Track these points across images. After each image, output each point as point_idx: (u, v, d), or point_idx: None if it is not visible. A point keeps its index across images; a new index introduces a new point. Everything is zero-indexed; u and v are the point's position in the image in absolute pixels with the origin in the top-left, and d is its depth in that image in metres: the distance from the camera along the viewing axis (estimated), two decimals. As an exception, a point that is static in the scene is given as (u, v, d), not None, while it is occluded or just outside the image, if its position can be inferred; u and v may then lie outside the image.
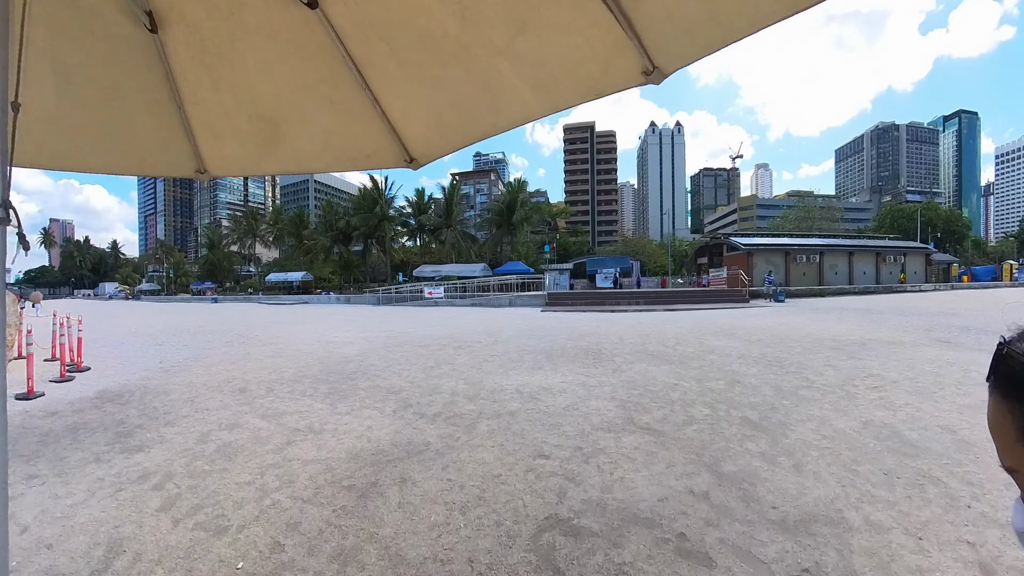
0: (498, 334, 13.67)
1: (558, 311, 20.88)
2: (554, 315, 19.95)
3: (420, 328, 16.18)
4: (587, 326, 15.15)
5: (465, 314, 22.89)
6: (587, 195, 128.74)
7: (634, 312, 20.08)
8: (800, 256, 36.47)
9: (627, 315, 19.33)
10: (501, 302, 25.91)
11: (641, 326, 15.04)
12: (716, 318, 17.96)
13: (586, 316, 19.19)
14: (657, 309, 21.15)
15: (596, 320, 17.38)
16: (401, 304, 31.69)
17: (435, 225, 48.50)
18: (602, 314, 19.58)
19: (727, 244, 38.50)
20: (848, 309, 21.46)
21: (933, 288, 39.72)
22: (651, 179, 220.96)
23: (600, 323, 16.21)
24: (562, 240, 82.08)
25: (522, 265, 38.76)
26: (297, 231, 70.18)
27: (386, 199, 53.52)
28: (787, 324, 15.06)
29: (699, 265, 45.05)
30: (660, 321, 16.69)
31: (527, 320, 18.55)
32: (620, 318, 18.23)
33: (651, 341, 11.65)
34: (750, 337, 11.93)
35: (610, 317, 18.66)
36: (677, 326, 14.99)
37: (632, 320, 17.21)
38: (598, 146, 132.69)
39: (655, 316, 19.16)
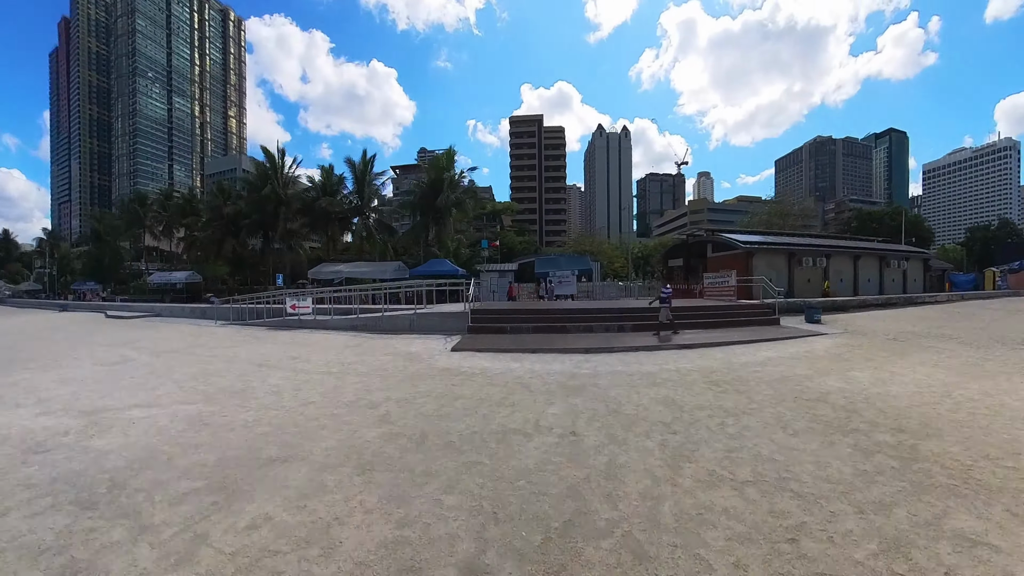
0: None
1: (482, 355, 11.09)
2: (468, 368, 10.01)
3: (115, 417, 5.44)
4: (549, 448, 5.12)
5: (286, 359, 12.80)
6: (534, 192, 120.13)
7: (632, 356, 10.65)
8: (807, 259, 28.52)
9: (624, 366, 9.73)
10: (398, 325, 15.98)
11: (694, 427, 5.12)
12: (795, 376, 8.49)
13: (539, 371, 9.42)
14: (666, 348, 11.71)
15: (568, 397, 7.50)
16: (253, 324, 21.13)
17: (343, 212, 37.78)
18: (574, 362, 9.99)
19: (715, 242, 30.01)
20: (952, 337, 13.02)
21: (947, 299, 33.33)
22: (599, 182, 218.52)
23: (583, 414, 6.36)
24: (507, 238, 72.70)
25: (449, 264, 28.89)
26: (189, 220, 57.07)
27: (283, 177, 42.14)
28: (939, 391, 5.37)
29: (671, 268, 36.59)
30: (717, 404, 6.93)
31: (388, 394, 8.49)
32: (617, 380, 8.53)
33: None
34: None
35: (594, 375, 9.01)
36: (783, 429, 4.97)
37: (651, 397, 7.41)
38: (546, 141, 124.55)
39: (686, 368, 9.63)
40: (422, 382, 8.41)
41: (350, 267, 32.28)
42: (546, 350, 10.87)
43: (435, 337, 14.00)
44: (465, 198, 35.24)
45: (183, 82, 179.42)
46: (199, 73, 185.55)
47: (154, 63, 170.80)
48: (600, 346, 11.24)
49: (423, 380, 8.61)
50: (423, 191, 34.70)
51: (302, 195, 40.66)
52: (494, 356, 10.75)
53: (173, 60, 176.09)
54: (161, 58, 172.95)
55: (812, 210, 70.80)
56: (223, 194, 53.02)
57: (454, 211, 34.31)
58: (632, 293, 36.48)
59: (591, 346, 11.23)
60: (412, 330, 15.79)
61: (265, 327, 20.04)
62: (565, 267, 29.36)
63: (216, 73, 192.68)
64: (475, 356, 10.86)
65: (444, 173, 34.49)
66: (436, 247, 34.26)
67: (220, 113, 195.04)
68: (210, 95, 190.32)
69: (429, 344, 12.94)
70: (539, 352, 10.81)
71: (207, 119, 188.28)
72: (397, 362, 10.75)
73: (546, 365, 9.66)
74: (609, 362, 9.93)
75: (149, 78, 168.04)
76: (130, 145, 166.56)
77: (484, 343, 12.03)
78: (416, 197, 35.42)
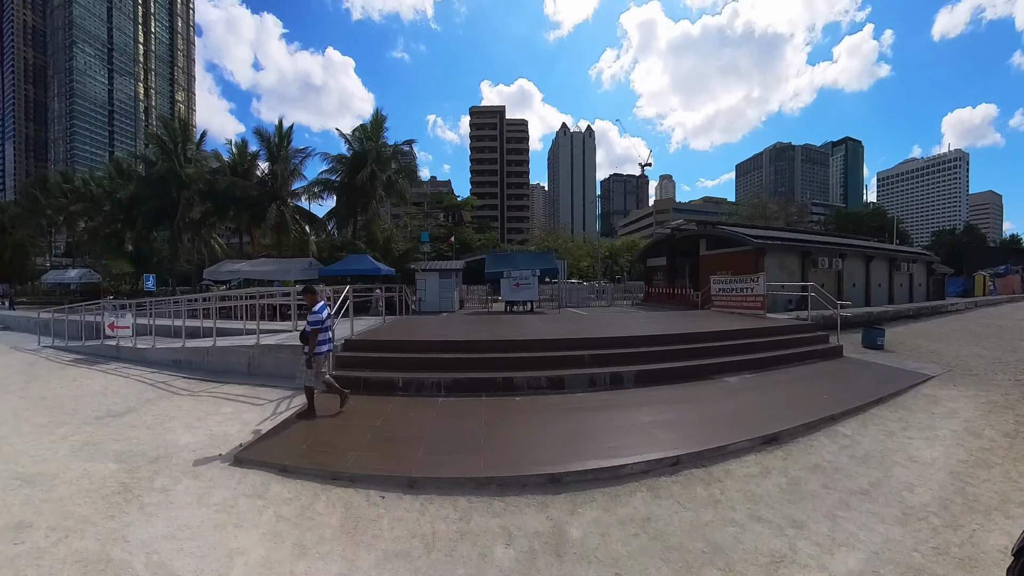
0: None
1: (282, 504, 4.60)
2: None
3: None
4: None
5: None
6: (495, 187, 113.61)
7: (678, 484, 4.35)
8: (822, 259, 23.28)
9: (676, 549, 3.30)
10: (231, 362, 9.33)
11: None
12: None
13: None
14: (746, 451, 5.35)
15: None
16: (64, 350, 14.11)
17: (253, 196, 30.30)
18: (524, 543, 3.60)
19: (711, 237, 24.34)
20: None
21: (965, 306, 29.13)
22: (563, 181, 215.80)
23: None
24: (464, 235, 65.97)
25: (370, 261, 22.06)
26: (80, 208, 47.96)
27: (183, 153, 34.33)
28: None
29: (650, 268, 30.85)
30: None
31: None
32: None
33: None
34: None
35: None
36: None
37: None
38: (509, 135, 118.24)
39: None
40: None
41: (252, 265, 25.12)
42: (454, 484, 4.35)
43: (261, 399, 7.50)
44: (398, 177, 28.34)
45: (126, 61, 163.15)
46: (143, 53, 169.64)
47: (94, 38, 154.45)
48: (585, 448, 4.90)
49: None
50: (347, 168, 27.60)
51: (206, 176, 32.91)
52: (305, 518, 4.18)
53: (115, 36, 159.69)
54: (101, 33, 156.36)
55: (803, 208, 66.81)
56: (121, 175, 44.47)
57: (382, 193, 27.35)
58: (605, 297, 30.56)
59: (565, 445, 4.90)
60: (251, 373, 9.15)
61: (72, 356, 13.28)
62: (525, 265, 23.06)
63: (162, 53, 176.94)
64: (259, 508, 4.30)
65: (373, 144, 27.52)
66: (364, 239, 27.43)
67: (167, 97, 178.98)
68: (156, 77, 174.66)
69: (225, 428, 6.40)
70: (439, 487, 4.33)
71: (152, 103, 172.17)
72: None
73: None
74: (627, 524, 3.70)
75: (88, 54, 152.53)
76: (67, 128, 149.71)
77: (322, 440, 5.48)
78: (341, 175, 28.27)
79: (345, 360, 7.80)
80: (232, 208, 32.48)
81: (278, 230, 31.12)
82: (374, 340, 8.62)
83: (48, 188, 56.48)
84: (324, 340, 6.53)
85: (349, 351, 8.16)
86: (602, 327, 11.05)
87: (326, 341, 6.63)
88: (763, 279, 14.30)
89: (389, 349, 8.23)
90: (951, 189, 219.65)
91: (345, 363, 7.75)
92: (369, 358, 7.79)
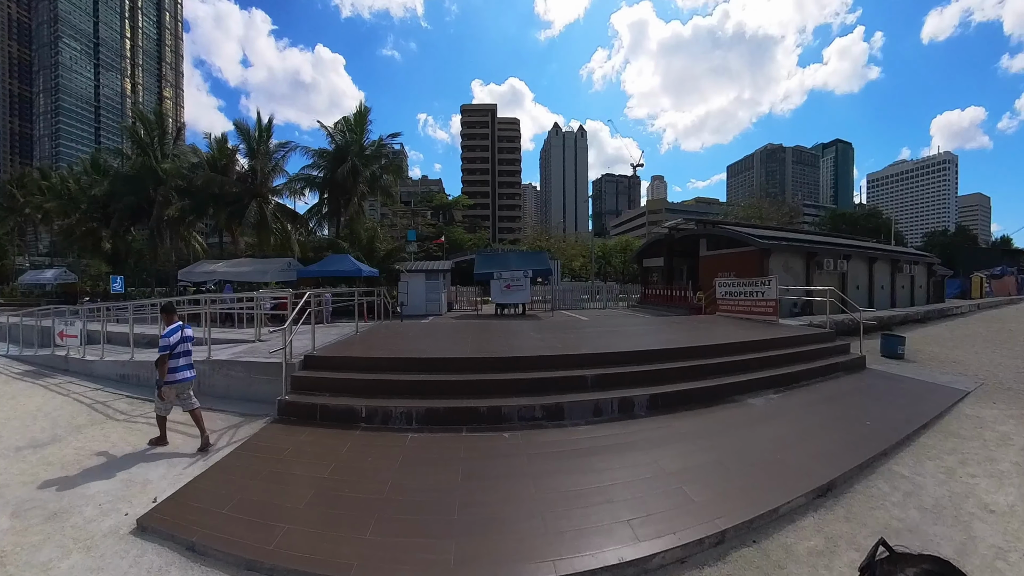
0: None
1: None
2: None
3: None
4: None
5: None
6: (487, 187, 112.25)
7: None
8: (827, 261, 22.34)
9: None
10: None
11: None
12: None
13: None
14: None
15: None
16: (19, 358, 12.81)
17: (233, 193, 28.83)
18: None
19: (711, 237, 23.28)
20: None
21: (969, 308, 28.38)
22: (554, 181, 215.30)
23: None
24: (454, 234, 64.50)
25: (351, 262, 20.68)
26: (55, 206, 46.05)
27: (160, 147, 32.81)
28: None
29: (646, 269, 29.75)
30: None
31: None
32: None
33: None
34: None
35: None
36: None
37: None
38: (500, 133, 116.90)
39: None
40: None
41: (228, 266, 23.70)
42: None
43: (209, 428, 6.27)
44: (382, 173, 26.94)
45: (113, 56, 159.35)
46: (130, 48, 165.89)
47: (80, 32, 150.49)
48: (596, 522, 3.67)
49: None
50: (330, 163, 26.16)
51: (183, 171, 31.35)
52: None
53: (101, 31, 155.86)
54: (88, 27, 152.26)
55: (796, 209, 66.10)
56: (98, 170, 42.72)
57: (365, 190, 25.92)
58: (600, 298, 29.42)
59: (568, 516, 3.69)
60: (200, 392, 7.86)
61: (23, 367, 12.07)
62: (516, 266, 21.82)
63: (150, 49, 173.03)
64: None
65: (356, 139, 26.08)
66: (348, 238, 26.05)
67: (154, 93, 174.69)
68: (143, 72, 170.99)
69: (147, 471, 5.17)
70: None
71: (139, 99, 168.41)
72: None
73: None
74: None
75: (74, 49, 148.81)
76: (52, 125, 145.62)
77: (250, 498, 4.23)
78: (323, 171, 26.79)
79: (302, 382, 6.55)
80: (211, 206, 31.00)
81: (259, 229, 29.67)
82: (338, 356, 7.41)
83: (26, 185, 54.54)
84: (181, 367, 5.72)
85: (309, 370, 6.90)
86: (604, 338, 9.84)
87: (183, 368, 5.76)
88: (775, 282, 13.20)
89: (355, 368, 7.01)
90: (940, 191, 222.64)
91: (301, 385, 6.49)
92: (330, 379, 6.55)
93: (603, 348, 8.38)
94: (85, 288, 42.49)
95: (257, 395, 6.97)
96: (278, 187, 29.47)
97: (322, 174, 26.77)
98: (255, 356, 7.49)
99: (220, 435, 5.93)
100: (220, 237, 35.73)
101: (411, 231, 30.51)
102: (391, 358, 7.15)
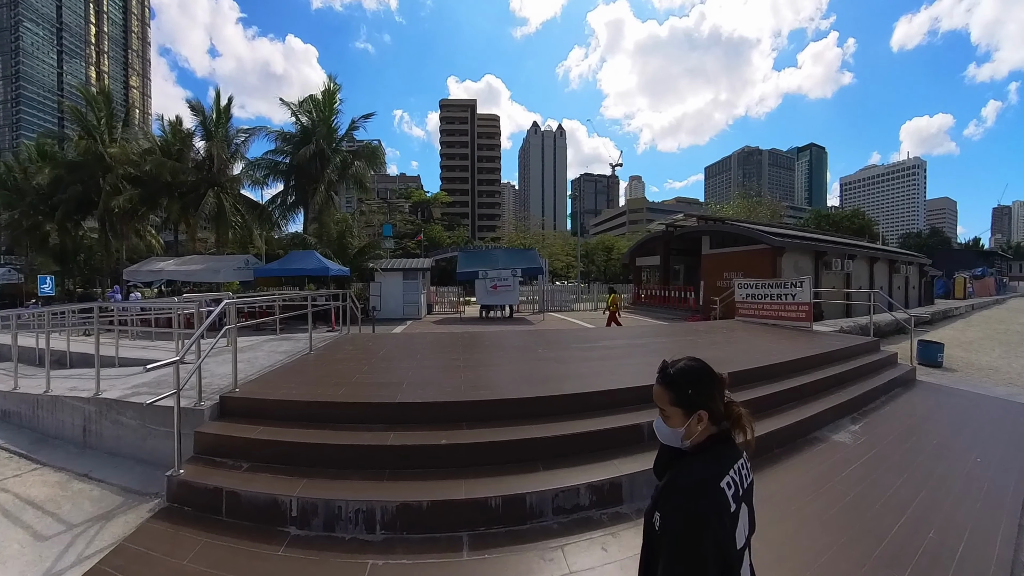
0: None
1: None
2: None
3: None
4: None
5: None
6: (466, 184, 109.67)
7: None
8: (835, 261, 20.97)
9: None
10: (64, 424, 5.73)
11: None
12: None
13: None
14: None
15: None
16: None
17: (188, 182, 26.01)
18: None
19: (716, 235, 21.53)
20: None
21: (966, 309, 27.71)
22: (533, 180, 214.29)
23: None
24: (433, 232, 61.88)
25: (317, 259, 18.14)
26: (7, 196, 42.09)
27: (107, 130, 29.74)
28: None
29: (639, 268, 27.87)
30: None
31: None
32: None
33: None
34: None
35: None
36: None
37: None
38: (480, 130, 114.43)
39: None
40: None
41: (177, 264, 20.99)
42: None
43: (61, 521, 3.93)
44: (353, 159, 24.33)
45: (77, 43, 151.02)
46: (96, 34, 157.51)
47: (42, 16, 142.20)
48: None
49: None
50: (295, 147, 23.42)
51: (132, 157, 28.30)
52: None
53: (65, 15, 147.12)
54: (50, 11, 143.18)
55: (781, 209, 65.18)
56: (43, 157, 39.04)
57: (332, 177, 23.25)
58: (590, 298, 27.52)
59: None
60: (87, 445, 5.58)
61: None
62: (504, 264, 19.70)
63: (116, 35, 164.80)
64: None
65: (324, 120, 23.36)
66: (317, 233, 23.50)
67: (121, 82, 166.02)
68: (109, 60, 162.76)
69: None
70: None
71: (106, 87, 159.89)
72: None
73: None
74: None
75: (36, 34, 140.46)
76: (13, 115, 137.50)
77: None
78: (288, 156, 24.03)
79: (210, 442, 4.26)
80: (164, 196, 28.05)
81: (217, 222, 26.85)
82: (270, 399, 4.86)
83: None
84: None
85: (225, 419, 4.57)
86: (632, 356, 7.76)
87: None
88: (808, 284, 11.38)
89: (293, 416, 4.63)
90: (910, 195, 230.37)
91: (209, 447, 4.19)
92: (250, 441, 4.19)
93: (648, 375, 6.32)
94: (32, 290, 38.90)
95: (153, 455, 4.71)
96: (239, 175, 26.64)
97: (287, 160, 24.04)
98: (161, 390, 5.07)
99: (76, 536, 3.66)
100: (175, 232, 32.64)
101: (387, 226, 27.93)
102: (347, 403, 4.73)
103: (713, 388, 1.37)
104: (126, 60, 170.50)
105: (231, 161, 26.44)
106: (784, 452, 5.13)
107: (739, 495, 1.33)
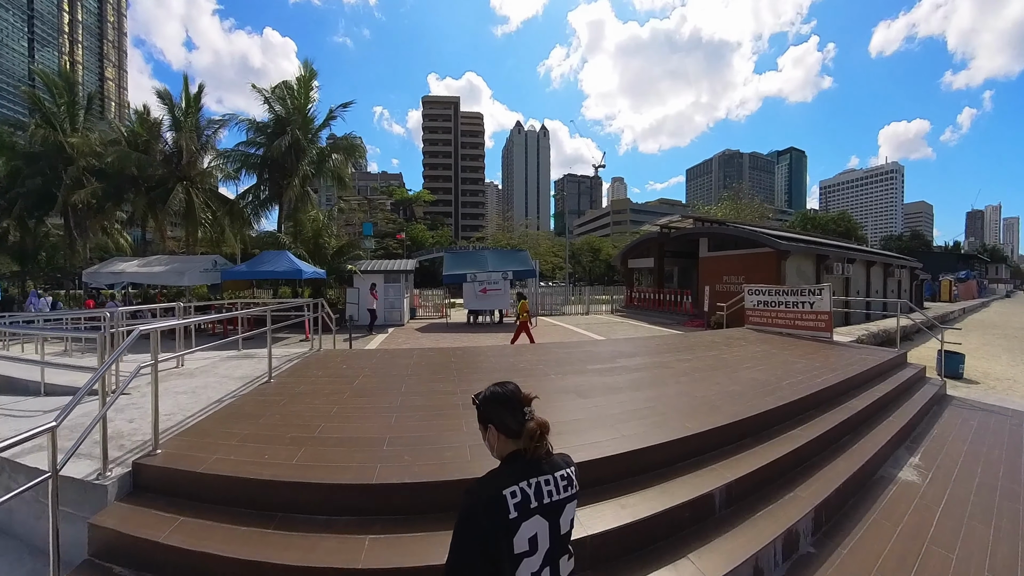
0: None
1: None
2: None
3: None
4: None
5: None
6: (450, 182, 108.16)
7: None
8: (836, 265, 20.30)
9: None
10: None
11: None
12: None
13: None
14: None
15: None
16: None
17: (155, 176, 24.39)
18: None
19: (715, 237, 20.68)
20: None
21: (958, 313, 27.70)
22: (516, 180, 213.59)
23: None
24: (415, 232, 60.42)
25: (290, 260, 16.72)
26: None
27: (69, 118, 27.93)
28: None
29: (631, 271, 26.93)
30: None
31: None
32: None
33: None
34: None
35: None
36: None
37: None
38: (464, 128, 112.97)
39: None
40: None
41: (140, 266, 19.40)
42: None
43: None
44: (331, 151, 22.87)
45: (50, 31, 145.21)
46: (69, 22, 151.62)
47: (11, 2, 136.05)
48: None
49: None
50: (269, 139, 21.87)
51: (95, 148, 26.49)
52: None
53: (36, 2, 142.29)
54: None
55: (769, 211, 64.95)
56: (2, 148, 36.76)
57: (308, 170, 21.74)
58: (573, 300, 26.51)
59: None
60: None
61: None
62: (494, 266, 18.54)
63: (91, 24, 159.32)
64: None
65: (292, 104, 21.80)
66: (291, 231, 22.04)
67: (95, 73, 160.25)
68: (83, 50, 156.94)
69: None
70: None
71: (80, 78, 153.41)
72: None
73: None
74: None
75: (6, 21, 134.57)
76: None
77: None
78: (261, 148, 22.45)
79: (105, 544, 2.87)
80: (130, 191, 26.31)
81: (186, 219, 25.22)
82: (197, 473, 3.22)
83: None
84: None
85: (136, 497, 3.21)
86: (660, 379, 6.63)
87: None
88: (828, 291, 10.46)
89: (224, 501, 3.12)
90: (888, 198, 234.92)
91: (105, 552, 2.86)
92: (159, 549, 2.72)
93: (706, 421, 4.35)
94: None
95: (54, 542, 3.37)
96: (209, 169, 25.02)
97: (260, 152, 22.47)
98: (75, 435, 3.58)
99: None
100: (143, 230, 30.80)
101: (367, 224, 26.46)
102: (303, 483, 3.10)
103: (501, 406, 1.45)
104: (101, 50, 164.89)
105: (201, 153, 24.81)
106: (859, 501, 4.14)
107: (531, 507, 1.36)
